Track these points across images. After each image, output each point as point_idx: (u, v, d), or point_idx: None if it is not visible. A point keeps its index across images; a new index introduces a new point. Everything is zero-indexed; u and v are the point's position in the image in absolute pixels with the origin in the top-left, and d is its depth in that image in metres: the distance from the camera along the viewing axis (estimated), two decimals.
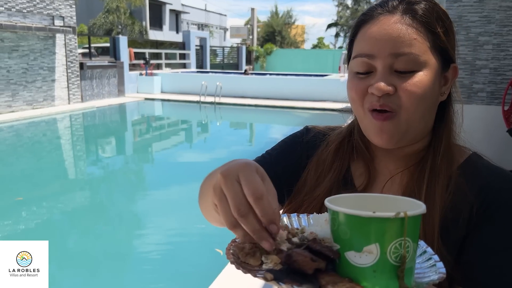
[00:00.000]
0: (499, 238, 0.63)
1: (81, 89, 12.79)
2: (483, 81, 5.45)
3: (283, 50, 29.72)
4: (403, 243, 0.43)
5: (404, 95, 0.64)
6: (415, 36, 0.64)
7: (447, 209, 0.66)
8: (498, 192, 0.65)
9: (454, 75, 0.71)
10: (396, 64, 0.64)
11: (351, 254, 0.44)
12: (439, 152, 0.70)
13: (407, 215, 0.42)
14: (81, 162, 7.85)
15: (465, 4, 5.38)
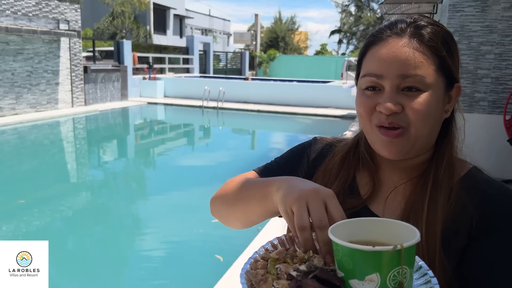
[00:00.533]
0: (498, 251, 0.65)
1: (85, 92, 12.86)
2: (484, 90, 5.47)
3: (286, 56, 29.80)
4: (401, 271, 0.47)
5: (411, 113, 0.67)
6: (421, 60, 0.67)
7: (448, 220, 0.68)
8: (497, 205, 0.68)
9: (458, 94, 0.74)
10: (403, 84, 0.67)
11: (355, 282, 0.48)
12: (441, 165, 0.72)
13: (403, 247, 0.47)
14: (83, 165, 7.90)
15: (468, 14, 5.41)
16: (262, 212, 0.73)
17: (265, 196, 0.69)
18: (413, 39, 0.68)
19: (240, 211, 0.79)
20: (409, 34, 0.69)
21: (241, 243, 3.56)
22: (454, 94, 0.73)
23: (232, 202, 0.80)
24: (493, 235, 0.66)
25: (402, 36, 0.69)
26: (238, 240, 4.09)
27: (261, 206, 0.71)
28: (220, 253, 3.95)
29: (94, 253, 4.11)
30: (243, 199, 0.77)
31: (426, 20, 0.72)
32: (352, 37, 41.82)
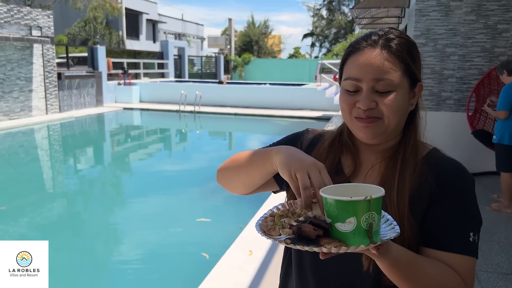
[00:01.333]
0: (448, 209, 0.87)
1: (59, 99, 12.70)
2: (450, 90, 5.80)
3: (261, 60, 30.05)
4: (371, 215, 0.66)
5: (384, 107, 0.86)
6: (391, 66, 0.86)
7: (414, 189, 0.88)
8: (449, 176, 0.89)
9: (420, 90, 0.93)
10: (377, 86, 0.86)
11: (339, 224, 0.67)
12: (408, 147, 0.92)
13: (372, 197, 0.66)
14: (59, 173, 7.82)
15: (433, 18, 5.73)
16: (262, 172, 0.93)
17: (265, 158, 0.89)
18: (384, 50, 0.86)
19: (244, 173, 0.98)
20: (380, 45, 0.87)
21: (224, 242, 3.69)
22: (417, 91, 0.92)
23: (238, 166, 1.00)
24: (446, 199, 0.87)
25: (375, 47, 0.87)
26: (222, 238, 4.23)
27: (262, 166, 0.91)
28: (204, 250, 4.05)
29: (70, 260, 4.05)
30: (247, 162, 0.97)
31: (395, 33, 0.90)
32: (324, 40, 42.55)
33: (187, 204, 5.70)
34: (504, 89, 4.15)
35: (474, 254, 0.85)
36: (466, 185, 0.89)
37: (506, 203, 4.32)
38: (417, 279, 0.80)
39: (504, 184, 4.29)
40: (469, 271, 0.84)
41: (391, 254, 0.75)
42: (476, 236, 0.86)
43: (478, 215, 0.88)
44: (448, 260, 0.83)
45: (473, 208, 0.88)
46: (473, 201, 0.89)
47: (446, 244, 0.84)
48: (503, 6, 5.45)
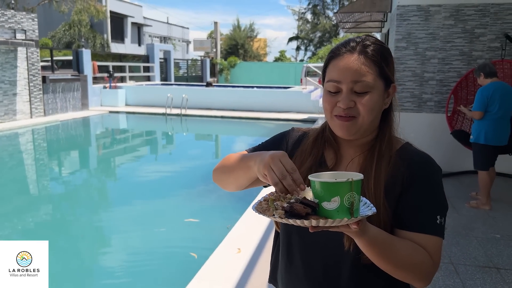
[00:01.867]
0: (419, 195, 0.99)
1: (44, 102, 12.59)
2: (431, 92, 5.99)
3: (247, 63, 30.17)
4: (352, 195, 0.77)
5: (361, 107, 0.97)
6: (367, 69, 0.97)
7: (389, 178, 1.00)
8: (419, 167, 1.01)
9: (393, 91, 1.05)
10: (355, 87, 0.97)
11: (325, 203, 0.78)
12: (384, 141, 1.04)
13: (353, 179, 0.77)
14: (44, 177, 7.76)
15: (413, 23, 5.92)
16: (247, 179, 1.03)
17: (248, 169, 0.99)
18: (361, 55, 0.98)
19: (232, 178, 1.09)
20: (358, 51, 0.99)
21: (212, 242, 3.74)
22: (391, 92, 1.04)
23: (227, 172, 1.11)
24: (416, 186, 0.99)
25: (353, 53, 0.99)
26: (210, 238, 4.28)
27: (246, 175, 1.01)
28: (193, 250, 4.10)
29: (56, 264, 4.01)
30: (234, 169, 1.07)
31: (371, 40, 1.01)
32: (309, 44, 42.90)
33: (175, 206, 5.75)
34: (480, 91, 4.32)
35: (440, 235, 0.96)
36: (434, 174, 1.01)
37: (483, 200, 4.49)
38: (391, 255, 0.90)
39: (481, 182, 4.46)
40: (436, 249, 0.96)
41: (369, 233, 0.85)
42: (443, 219, 0.97)
43: (444, 200, 1.00)
44: (418, 240, 0.95)
45: (440, 194, 1.00)
46: (440, 188, 1.01)
47: (417, 226, 0.96)
48: (480, 11, 5.67)
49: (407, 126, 6.67)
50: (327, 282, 1.05)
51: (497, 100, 4.22)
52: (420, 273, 0.94)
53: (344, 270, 1.02)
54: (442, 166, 1.08)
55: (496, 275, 3.12)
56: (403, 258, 0.92)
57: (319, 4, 41.56)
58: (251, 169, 0.96)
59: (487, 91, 4.25)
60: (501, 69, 5.28)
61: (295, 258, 1.10)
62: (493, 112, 4.25)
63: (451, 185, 5.32)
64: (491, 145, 4.33)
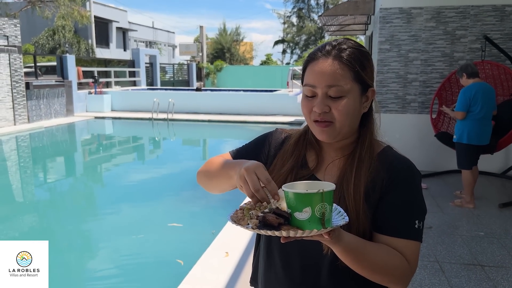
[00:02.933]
0: (398, 199, 1.00)
1: (28, 109, 12.41)
2: (414, 93, 6.07)
3: (233, 67, 30.19)
4: (323, 206, 0.78)
5: (336, 112, 0.97)
6: (341, 74, 0.97)
7: (369, 182, 1.01)
8: (398, 171, 1.02)
9: (372, 95, 1.04)
10: (330, 92, 0.97)
11: (297, 213, 0.79)
12: (364, 145, 1.05)
13: (324, 191, 0.78)
14: (28, 184, 7.65)
15: (396, 25, 6.01)
16: (229, 186, 1.05)
17: (229, 178, 1.00)
18: (336, 59, 0.98)
19: (215, 183, 1.11)
20: (333, 55, 0.99)
21: (198, 249, 3.69)
22: (370, 95, 1.04)
23: (210, 177, 1.12)
24: (395, 191, 1.00)
25: (328, 57, 0.99)
26: (196, 245, 4.22)
27: (228, 182, 1.03)
28: (179, 257, 4.05)
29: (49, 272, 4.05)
30: (216, 176, 1.08)
31: (347, 44, 1.01)
32: (295, 47, 43.14)
33: (162, 211, 5.71)
34: (462, 91, 4.40)
35: (419, 239, 0.98)
36: (413, 179, 1.02)
37: (467, 199, 4.56)
38: (366, 261, 0.92)
39: (465, 181, 4.54)
40: (414, 254, 0.97)
41: (343, 241, 0.87)
42: (421, 223, 0.99)
43: (423, 205, 1.02)
44: (396, 245, 0.96)
45: (419, 199, 1.01)
46: (419, 193, 1.02)
47: (395, 231, 0.97)
48: (460, 14, 5.78)
49: (392, 127, 6.77)
50: (306, 282, 1.05)
51: (479, 101, 4.30)
52: (396, 278, 0.95)
53: (323, 271, 1.03)
54: (427, 166, 1.11)
55: (480, 272, 3.17)
56: (379, 264, 0.93)
57: (304, 8, 41.87)
58: (232, 178, 0.97)
59: (469, 92, 4.33)
60: (482, 70, 5.39)
61: (274, 259, 1.10)
62: (475, 112, 4.33)
63: (436, 185, 5.39)
64: (473, 145, 4.40)
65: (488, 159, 5.35)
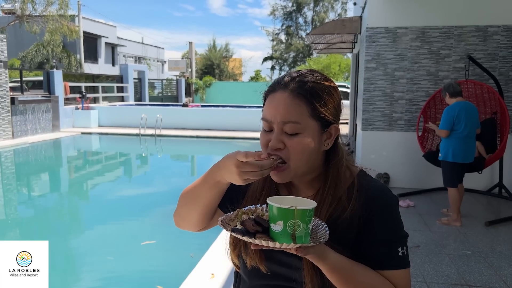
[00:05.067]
0: (377, 232, 0.96)
1: (12, 124, 12.22)
2: (400, 111, 6.13)
3: (222, 83, 30.31)
4: (295, 223, 0.80)
5: (291, 150, 0.91)
6: (297, 109, 0.91)
7: (344, 217, 0.95)
8: (374, 201, 0.97)
9: (336, 132, 0.98)
10: (285, 128, 0.92)
11: (272, 225, 0.82)
12: (327, 184, 0.98)
13: (296, 208, 0.80)
14: (12, 202, 7.48)
15: (382, 44, 6.09)
16: (215, 193, 0.98)
17: (215, 181, 0.95)
18: (293, 93, 0.92)
19: (199, 202, 1.01)
20: (290, 88, 0.93)
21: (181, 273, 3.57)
22: (333, 132, 0.97)
23: (191, 197, 1.02)
24: (373, 224, 0.96)
25: (285, 90, 0.93)
26: (178, 270, 4.10)
27: (215, 188, 0.97)
28: (161, 283, 3.91)
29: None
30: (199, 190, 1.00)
31: (309, 77, 0.95)
32: (284, 64, 43.56)
33: (145, 232, 5.60)
34: (446, 110, 4.46)
35: (405, 266, 0.95)
36: (390, 207, 0.98)
37: (454, 217, 4.57)
38: (352, 281, 0.89)
39: (451, 199, 4.55)
40: (404, 280, 0.95)
41: (328, 259, 0.86)
42: (405, 248, 0.96)
43: (403, 230, 0.99)
44: (386, 276, 0.94)
45: (398, 226, 0.98)
46: (398, 219, 0.98)
47: (380, 264, 0.94)
48: (445, 34, 5.89)
49: (379, 144, 6.78)
50: None
51: (462, 119, 4.35)
52: None
53: None
54: (413, 183, 1.09)
55: None
56: (366, 285, 0.91)
57: (292, 25, 42.44)
58: (220, 180, 0.94)
59: (452, 111, 4.38)
60: (466, 89, 5.47)
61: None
62: (459, 131, 4.37)
63: (422, 202, 5.40)
64: (458, 163, 4.44)
65: (473, 177, 5.39)
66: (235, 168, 0.86)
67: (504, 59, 5.78)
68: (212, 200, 1.00)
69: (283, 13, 42.07)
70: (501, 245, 4.07)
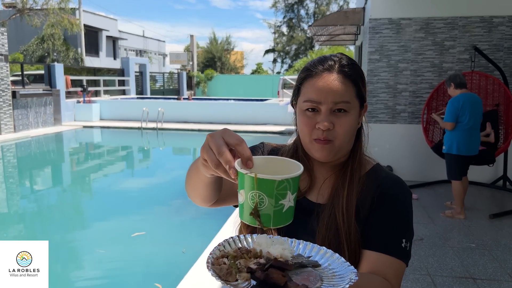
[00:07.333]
0: (386, 215, 0.96)
1: (14, 118, 12.21)
2: (404, 103, 6.07)
3: (224, 76, 30.21)
4: (256, 194, 0.62)
5: (339, 129, 0.94)
6: (346, 89, 0.95)
7: (359, 199, 0.97)
8: (388, 188, 0.99)
9: (365, 110, 1.03)
10: (335, 107, 0.94)
11: (238, 194, 0.66)
12: (355, 161, 1.02)
13: (256, 175, 0.61)
14: (15, 196, 7.48)
15: (385, 36, 6.02)
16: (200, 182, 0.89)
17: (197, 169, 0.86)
18: (340, 74, 0.95)
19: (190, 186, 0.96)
20: (336, 70, 0.96)
21: (180, 271, 3.53)
22: (363, 111, 1.02)
23: (187, 185, 0.99)
24: (384, 207, 0.96)
25: (332, 72, 0.96)
26: (177, 267, 4.05)
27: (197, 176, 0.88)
28: (159, 280, 3.85)
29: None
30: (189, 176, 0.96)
31: (345, 59, 0.99)
32: (286, 56, 43.39)
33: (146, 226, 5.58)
34: (450, 102, 4.40)
35: (404, 259, 0.93)
36: (403, 197, 0.99)
37: (458, 210, 4.54)
38: None
39: (455, 192, 4.51)
40: (397, 274, 0.92)
41: None
42: (408, 243, 0.94)
43: (411, 226, 0.98)
44: (381, 261, 0.91)
45: (408, 218, 0.98)
46: (409, 212, 0.98)
47: (381, 246, 0.92)
48: (449, 24, 5.81)
49: (382, 137, 6.75)
50: None
51: (467, 111, 4.30)
52: None
53: None
54: (417, 176, 1.08)
55: (472, 286, 3.12)
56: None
57: (294, 18, 42.19)
58: (199, 167, 0.81)
59: (457, 103, 4.33)
60: (470, 80, 5.41)
61: None
62: (464, 123, 4.32)
63: (426, 195, 5.37)
64: (463, 155, 4.39)
65: (478, 169, 5.35)
66: (208, 136, 0.73)
67: (509, 50, 5.70)
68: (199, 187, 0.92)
69: (285, 5, 41.83)
70: (505, 238, 4.04)
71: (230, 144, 0.70)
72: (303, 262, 0.67)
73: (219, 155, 0.68)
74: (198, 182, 0.90)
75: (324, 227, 0.95)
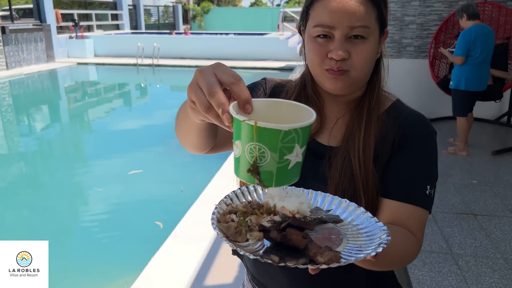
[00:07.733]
0: (410, 159, 0.85)
1: (5, 55, 11.83)
2: (411, 36, 5.80)
3: (221, 9, 29.01)
4: (256, 147, 0.49)
5: (356, 58, 0.79)
6: (366, 11, 0.79)
7: (377, 140, 0.85)
8: (413, 127, 0.86)
9: (385, 37, 0.88)
10: (351, 33, 0.79)
11: (234, 145, 0.53)
12: (373, 97, 0.88)
13: (257, 124, 0.48)
14: (11, 135, 7.42)
15: None
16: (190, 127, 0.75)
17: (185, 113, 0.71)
18: None
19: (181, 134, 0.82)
20: None
21: (179, 210, 3.50)
22: (383, 38, 0.87)
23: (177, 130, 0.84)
24: (408, 150, 0.85)
25: None
26: (177, 206, 4.04)
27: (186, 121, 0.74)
28: (159, 218, 3.86)
29: (31, 221, 3.97)
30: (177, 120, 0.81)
31: None
32: None
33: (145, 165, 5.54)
34: (462, 34, 4.17)
35: (428, 207, 0.83)
36: (429, 137, 0.86)
37: (461, 146, 4.49)
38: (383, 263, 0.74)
39: (459, 128, 4.43)
40: (421, 223, 0.83)
41: None
42: (433, 190, 0.84)
43: (436, 169, 0.87)
44: (403, 211, 0.81)
45: (433, 162, 0.86)
46: (434, 155, 0.87)
47: (404, 195, 0.82)
48: None
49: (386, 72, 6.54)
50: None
51: (479, 44, 4.09)
52: (409, 261, 0.81)
53: None
54: (421, 112, 0.93)
55: (473, 221, 3.14)
56: (395, 260, 0.77)
57: None
58: (187, 110, 0.66)
59: (469, 35, 4.10)
60: (482, 12, 5.11)
61: None
62: (474, 57, 4.13)
63: None
64: (471, 91, 4.25)
65: (482, 105, 5.22)
66: (197, 72, 0.58)
67: None
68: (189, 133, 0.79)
69: None
70: (507, 174, 4.02)
71: (224, 83, 0.55)
72: (323, 218, 0.57)
73: (210, 96, 0.54)
74: (188, 128, 0.76)
75: (337, 173, 0.84)
